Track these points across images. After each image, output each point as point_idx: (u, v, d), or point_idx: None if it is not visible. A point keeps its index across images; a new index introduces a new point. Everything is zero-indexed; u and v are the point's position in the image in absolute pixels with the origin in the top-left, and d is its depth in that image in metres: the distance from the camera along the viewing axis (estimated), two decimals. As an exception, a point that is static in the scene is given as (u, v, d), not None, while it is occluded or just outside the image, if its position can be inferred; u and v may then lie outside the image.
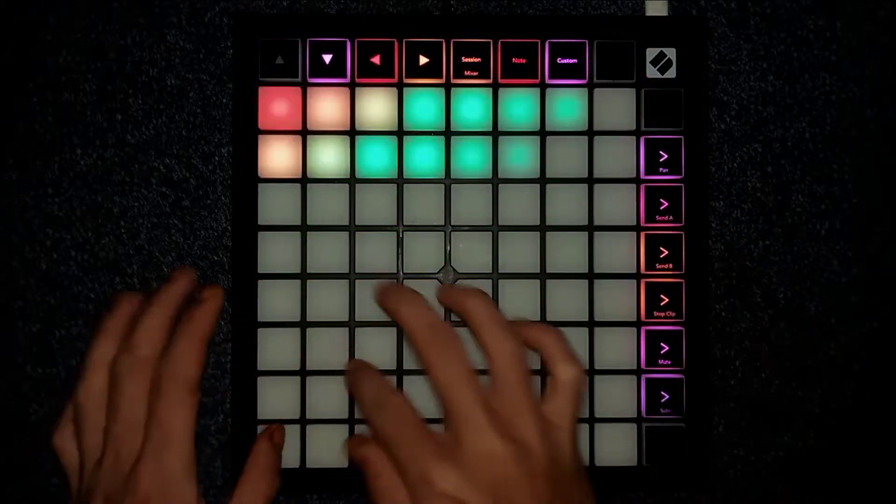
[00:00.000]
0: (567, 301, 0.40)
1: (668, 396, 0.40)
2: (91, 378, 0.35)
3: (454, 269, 0.40)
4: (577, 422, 0.34)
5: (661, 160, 0.40)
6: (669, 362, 0.40)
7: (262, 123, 0.40)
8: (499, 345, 0.33)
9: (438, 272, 0.40)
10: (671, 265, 0.40)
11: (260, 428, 0.39)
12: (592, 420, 0.40)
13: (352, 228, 0.40)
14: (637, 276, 0.40)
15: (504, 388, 0.33)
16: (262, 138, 0.40)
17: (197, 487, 0.33)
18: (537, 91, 0.40)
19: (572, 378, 0.34)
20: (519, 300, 0.40)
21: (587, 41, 0.40)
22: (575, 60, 0.40)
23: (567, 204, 0.40)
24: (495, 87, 0.40)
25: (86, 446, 0.34)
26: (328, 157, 0.40)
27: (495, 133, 0.40)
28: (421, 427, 0.33)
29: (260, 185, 0.40)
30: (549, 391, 0.34)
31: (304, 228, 0.40)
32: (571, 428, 0.34)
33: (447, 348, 0.33)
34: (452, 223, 0.40)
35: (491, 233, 0.40)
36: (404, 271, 0.40)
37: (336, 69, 0.40)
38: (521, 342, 0.34)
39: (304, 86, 0.40)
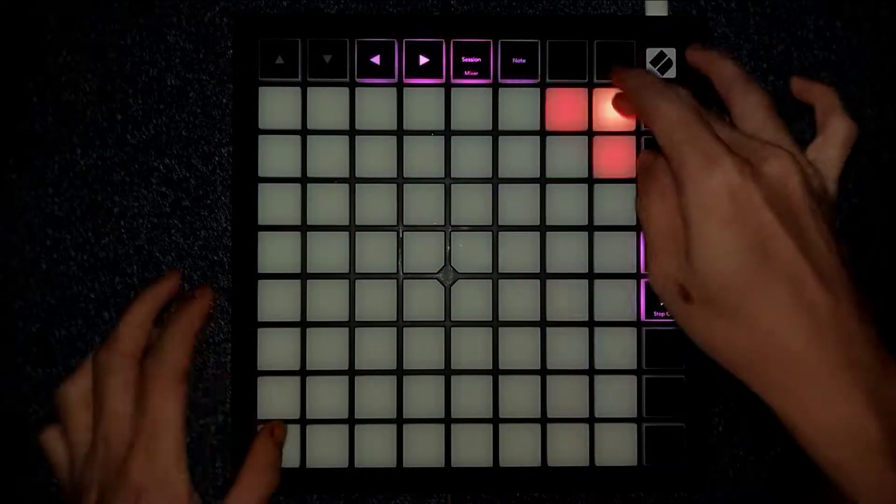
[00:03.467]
0: (567, 301, 0.40)
1: (668, 396, 0.40)
2: (75, 377, 0.35)
3: (454, 269, 0.40)
4: (841, 178, 0.33)
5: (661, 160, 0.40)
6: (669, 362, 0.40)
7: (262, 123, 0.40)
8: (745, 95, 0.34)
9: (438, 272, 0.40)
10: (671, 265, 0.40)
11: (260, 428, 0.39)
12: (592, 420, 0.40)
13: (352, 228, 0.40)
14: (637, 276, 0.40)
15: (761, 128, 0.33)
16: (262, 138, 0.40)
17: (189, 478, 0.33)
18: (537, 91, 0.40)
19: (848, 130, 0.34)
20: (519, 300, 0.40)
21: (587, 41, 0.40)
22: (575, 60, 0.40)
23: (567, 204, 0.40)
24: (495, 87, 0.40)
25: (72, 442, 0.34)
26: (328, 158, 0.40)
27: (495, 133, 0.40)
28: (707, 120, 0.32)
29: (260, 185, 0.40)
30: (818, 141, 0.34)
31: (304, 228, 0.40)
32: (838, 179, 0.33)
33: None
34: (452, 223, 0.40)
35: (491, 233, 0.40)
36: (404, 271, 0.40)
37: (336, 69, 0.40)
38: (768, 95, 0.34)
39: (304, 86, 0.40)
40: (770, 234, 0.29)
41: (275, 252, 0.40)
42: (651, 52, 0.40)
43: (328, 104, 0.40)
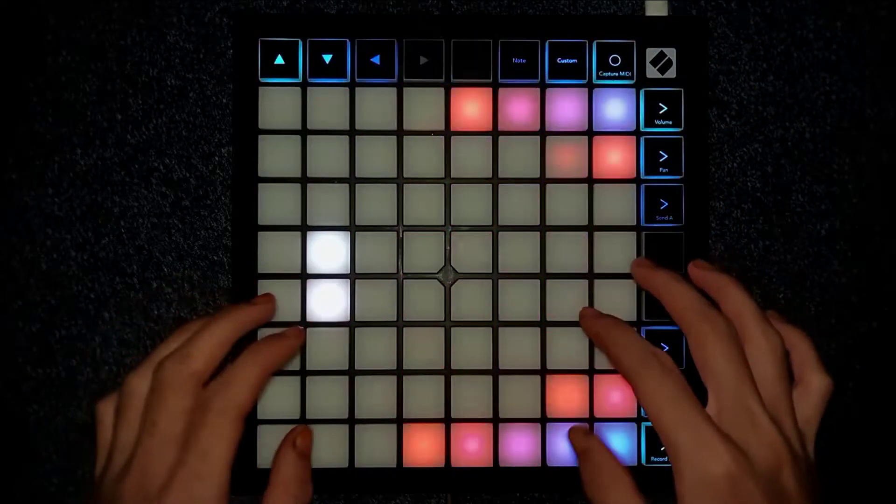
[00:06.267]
0: (567, 301, 0.40)
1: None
2: (143, 372, 0.32)
3: (454, 269, 0.40)
4: (818, 435, 0.33)
5: (661, 160, 0.40)
6: (669, 362, 0.40)
7: (262, 123, 0.40)
8: (763, 338, 0.33)
9: (438, 272, 0.40)
10: (671, 265, 0.40)
11: (260, 428, 0.39)
12: (592, 420, 0.40)
13: (352, 228, 0.40)
14: (637, 276, 0.40)
15: (767, 383, 0.32)
16: (262, 138, 0.40)
17: None
18: (537, 91, 0.40)
19: (826, 387, 0.33)
20: (519, 300, 0.40)
21: (587, 41, 0.40)
22: (575, 60, 0.40)
23: (567, 204, 0.40)
24: (495, 87, 0.40)
25: (118, 440, 0.32)
26: (328, 157, 0.40)
27: (495, 133, 0.40)
28: (695, 397, 0.31)
29: (260, 185, 0.40)
30: (798, 397, 0.33)
31: (304, 228, 0.40)
32: (813, 439, 0.33)
33: (726, 339, 0.32)
34: (452, 223, 0.40)
35: (491, 233, 0.40)
36: (404, 271, 0.40)
37: (336, 69, 0.40)
38: (782, 339, 0.33)
39: (304, 86, 0.40)
40: None
41: (275, 252, 0.40)
42: (651, 52, 0.40)
43: (328, 104, 0.40)
